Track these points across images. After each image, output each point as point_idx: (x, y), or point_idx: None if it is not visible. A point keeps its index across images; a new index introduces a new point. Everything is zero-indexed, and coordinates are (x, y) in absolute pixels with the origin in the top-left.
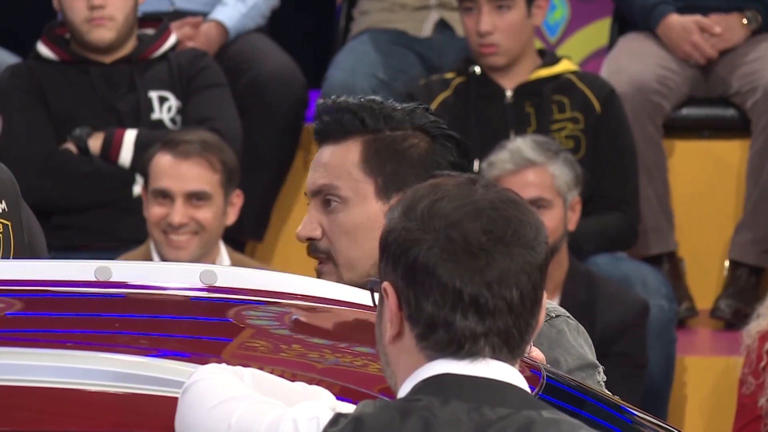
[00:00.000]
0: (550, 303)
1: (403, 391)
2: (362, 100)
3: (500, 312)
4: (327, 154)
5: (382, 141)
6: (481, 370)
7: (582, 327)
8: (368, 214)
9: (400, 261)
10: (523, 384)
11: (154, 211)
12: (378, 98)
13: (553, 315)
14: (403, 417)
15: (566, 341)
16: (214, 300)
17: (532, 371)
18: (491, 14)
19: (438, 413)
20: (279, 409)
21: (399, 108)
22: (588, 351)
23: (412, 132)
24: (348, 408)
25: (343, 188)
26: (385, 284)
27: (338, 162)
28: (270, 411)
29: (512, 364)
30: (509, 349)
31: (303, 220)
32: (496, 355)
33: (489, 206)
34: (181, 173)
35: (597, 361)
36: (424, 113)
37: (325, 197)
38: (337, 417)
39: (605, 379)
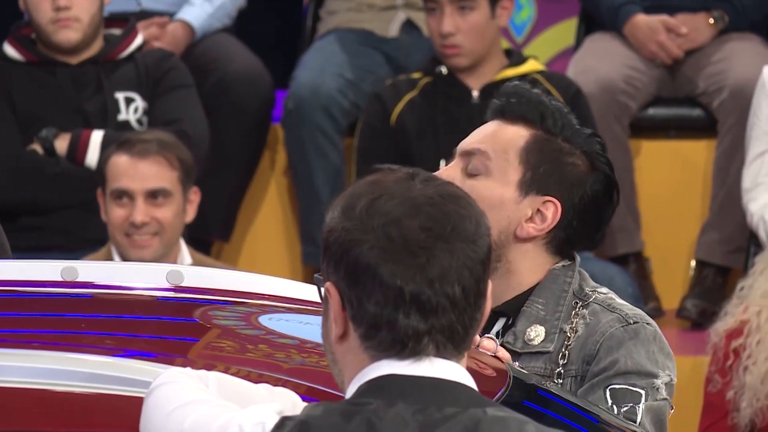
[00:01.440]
0: (633, 309)
1: (349, 392)
2: (552, 100)
3: (443, 309)
4: (495, 125)
5: (550, 143)
6: (426, 370)
7: (659, 333)
8: (501, 196)
9: (341, 262)
10: (468, 381)
11: (115, 213)
12: (566, 108)
13: (632, 321)
14: (347, 419)
15: (633, 346)
16: (181, 300)
17: (498, 370)
18: (453, 15)
19: (383, 415)
20: (230, 414)
21: (578, 126)
22: (657, 359)
23: (579, 152)
24: (295, 411)
25: (494, 160)
26: (328, 284)
27: (503, 137)
28: (223, 415)
29: (457, 361)
30: (454, 345)
31: (440, 172)
32: (440, 353)
33: (427, 202)
34: (140, 172)
35: (658, 371)
36: (597, 143)
37: (470, 162)
38: (283, 421)
39: (670, 381)
